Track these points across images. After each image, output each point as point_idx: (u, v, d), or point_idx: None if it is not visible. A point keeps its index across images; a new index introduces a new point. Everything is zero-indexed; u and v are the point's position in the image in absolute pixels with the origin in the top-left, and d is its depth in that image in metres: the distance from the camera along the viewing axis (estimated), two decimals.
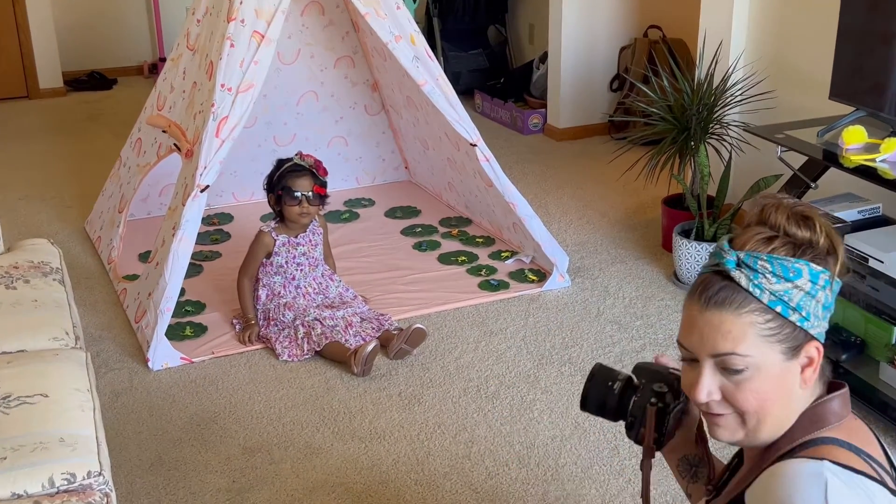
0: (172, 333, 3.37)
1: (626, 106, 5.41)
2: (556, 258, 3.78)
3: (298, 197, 3.33)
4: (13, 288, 2.69)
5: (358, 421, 2.96)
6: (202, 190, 3.27)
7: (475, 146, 3.71)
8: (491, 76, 6.47)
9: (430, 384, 3.16)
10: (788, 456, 1.33)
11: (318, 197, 3.37)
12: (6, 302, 2.63)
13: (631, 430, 1.60)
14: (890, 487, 1.31)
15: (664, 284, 3.83)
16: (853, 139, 3.10)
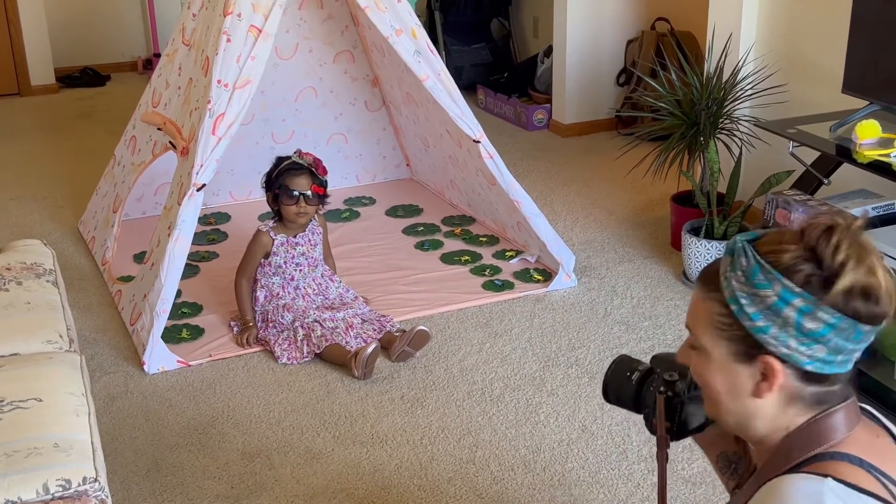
0: (169, 336, 3.35)
1: (633, 101, 5.34)
2: (561, 257, 3.75)
3: (296, 196, 3.30)
4: (6, 290, 2.68)
5: (359, 425, 2.94)
6: (198, 189, 3.25)
7: (478, 142, 3.68)
8: (494, 71, 6.42)
9: (433, 387, 3.12)
10: (794, 470, 1.29)
11: (316, 196, 3.35)
12: None
13: (648, 421, 1.59)
14: None
15: (673, 284, 3.78)
16: (867, 134, 3.10)
